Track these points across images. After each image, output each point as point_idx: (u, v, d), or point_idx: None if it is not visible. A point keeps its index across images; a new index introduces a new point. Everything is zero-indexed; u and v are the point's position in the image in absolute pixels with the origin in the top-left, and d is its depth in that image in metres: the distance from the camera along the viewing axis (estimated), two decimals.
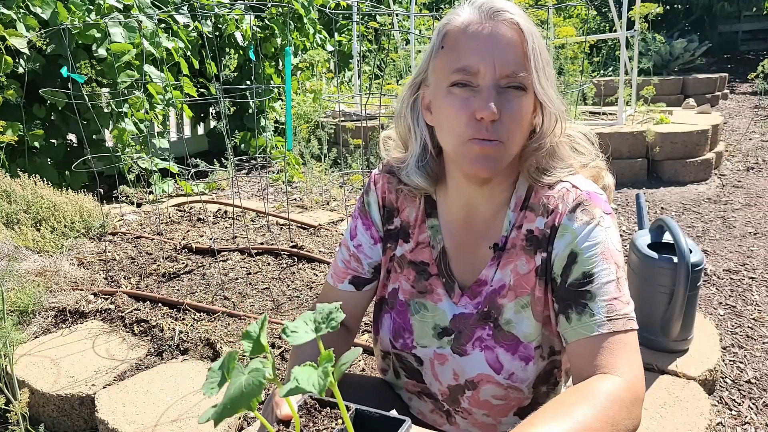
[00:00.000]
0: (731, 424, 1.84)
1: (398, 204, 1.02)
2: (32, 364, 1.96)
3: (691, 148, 4.55)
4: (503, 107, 0.83)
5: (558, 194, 0.90)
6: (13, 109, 3.61)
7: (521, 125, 0.86)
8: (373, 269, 1.05)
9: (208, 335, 2.05)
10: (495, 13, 0.84)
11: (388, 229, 1.03)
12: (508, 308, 0.93)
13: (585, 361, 0.82)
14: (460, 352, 0.95)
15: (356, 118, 5.37)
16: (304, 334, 0.60)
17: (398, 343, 1.01)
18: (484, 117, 0.82)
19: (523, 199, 0.94)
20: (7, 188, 3.03)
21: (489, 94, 0.82)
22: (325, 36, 6.84)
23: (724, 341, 2.29)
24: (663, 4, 9.82)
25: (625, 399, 0.76)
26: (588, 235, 0.86)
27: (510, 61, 0.83)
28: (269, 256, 2.74)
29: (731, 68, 10.00)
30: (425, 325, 0.98)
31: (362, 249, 1.04)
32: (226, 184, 4.59)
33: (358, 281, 1.04)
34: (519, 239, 0.93)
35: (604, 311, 0.83)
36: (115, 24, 3.83)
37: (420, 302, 0.99)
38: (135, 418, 1.66)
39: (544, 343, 0.93)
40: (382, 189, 1.04)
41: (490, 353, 0.93)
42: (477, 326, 0.94)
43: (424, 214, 1.00)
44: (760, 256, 3.12)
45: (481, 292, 0.95)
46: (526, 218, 0.93)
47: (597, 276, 0.85)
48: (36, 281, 2.41)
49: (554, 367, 0.95)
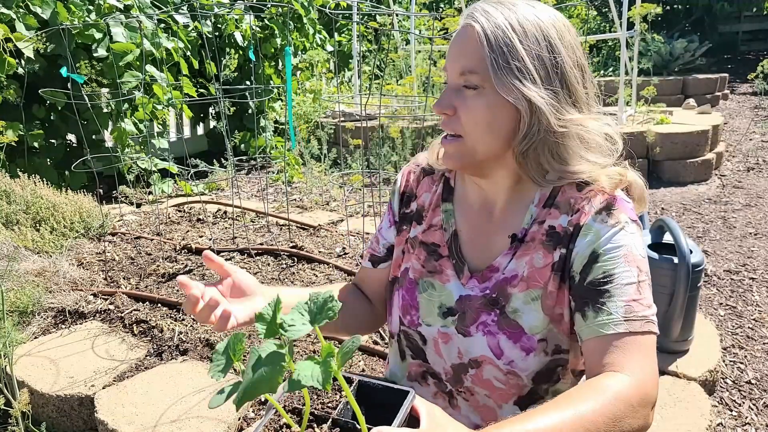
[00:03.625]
0: (731, 424, 1.84)
1: (417, 190, 1.10)
2: (32, 365, 1.95)
3: (692, 148, 4.55)
4: (459, 105, 0.90)
5: (585, 195, 0.92)
6: (13, 110, 3.61)
7: (478, 122, 0.89)
8: (386, 249, 1.13)
9: (208, 336, 2.05)
10: (467, 16, 0.90)
11: (405, 212, 1.10)
12: (516, 298, 0.94)
13: (597, 359, 0.83)
14: (464, 332, 0.97)
15: (356, 119, 5.37)
16: (302, 327, 0.60)
17: (406, 320, 1.04)
18: (435, 112, 0.92)
19: (548, 196, 0.95)
20: (6, 188, 3.02)
21: (446, 93, 0.91)
22: (324, 36, 6.84)
23: (725, 342, 2.29)
24: (663, 4, 9.82)
25: (632, 398, 0.76)
26: (611, 237, 0.87)
27: (462, 63, 0.89)
28: (269, 257, 2.73)
29: (731, 68, 10.00)
30: (431, 303, 1.01)
31: (382, 231, 1.14)
32: (225, 184, 4.59)
33: (375, 259, 1.14)
34: (539, 234, 0.94)
35: (622, 311, 0.83)
36: (116, 24, 3.82)
37: (428, 281, 1.02)
38: (134, 419, 1.66)
39: (551, 339, 0.93)
40: (406, 177, 1.12)
41: (492, 339, 0.94)
42: (483, 310, 0.96)
43: (440, 199, 1.06)
44: (760, 256, 3.12)
45: (491, 277, 0.96)
46: (550, 215, 0.94)
47: (617, 277, 0.85)
48: (35, 282, 2.40)
49: (558, 365, 0.95)
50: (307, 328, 0.60)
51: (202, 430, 1.62)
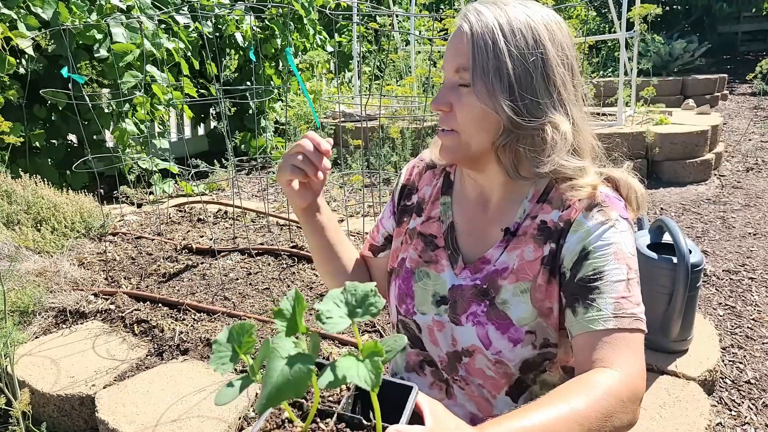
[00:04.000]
0: (731, 424, 1.84)
1: (419, 184, 1.13)
2: (32, 365, 1.96)
3: (691, 148, 4.56)
4: (454, 102, 0.93)
5: (577, 192, 0.93)
6: (15, 110, 3.61)
7: (473, 119, 0.92)
8: (384, 239, 1.17)
9: (209, 335, 2.06)
10: (461, 16, 0.93)
11: (405, 204, 1.13)
12: (506, 289, 0.95)
13: (586, 355, 0.84)
14: (455, 321, 1.00)
15: (356, 119, 5.38)
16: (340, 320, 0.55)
17: (402, 308, 1.06)
18: (433, 109, 0.95)
19: (542, 192, 0.97)
20: (8, 188, 3.03)
21: (442, 90, 0.94)
22: (325, 37, 6.85)
23: (724, 342, 2.29)
24: (662, 5, 9.83)
25: (622, 393, 0.78)
26: (602, 234, 0.89)
27: (457, 62, 0.92)
28: (269, 257, 2.74)
29: (731, 69, 10.01)
30: (426, 292, 1.03)
31: (382, 221, 1.18)
32: (226, 184, 4.59)
33: (374, 248, 1.18)
34: (531, 228, 0.96)
35: (612, 308, 0.85)
36: (117, 24, 3.83)
37: (424, 270, 1.05)
38: (135, 418, 1.66)
39: (539, 332, 0.94)
40: (409, 171, 1.16)
41: (481, 329, 0.96)
42: (473, 300, 0.98)
43: (440, 192, 1.09)
44: (759, 256, 3.12)
45: (482, 269, 0.99)
46: (542, 210, 0.96)
47: (607, 273, 0.87)
48: (36, 281, 2.41)
49: (546, 359, 0.96)
50: (345, 322, 0.55)
51: (203, 429, 1.63)
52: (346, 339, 2.03)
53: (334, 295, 0.57)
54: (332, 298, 0.57)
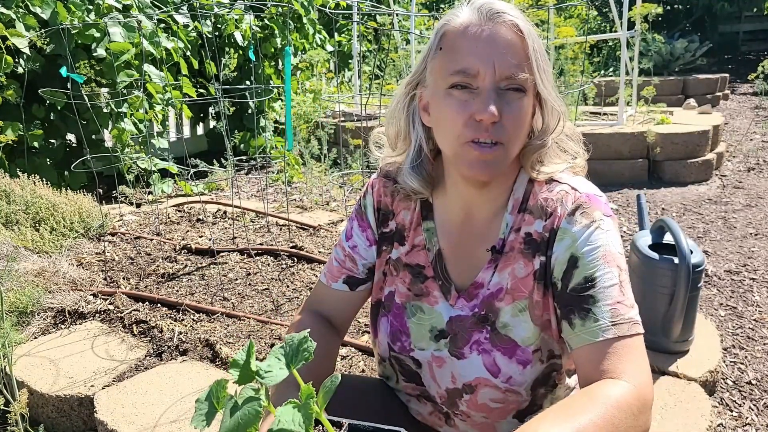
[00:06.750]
0: (732, 425, 1.83)
1: (393, 207, 1.03)
2: (31, 365, 1.95)
3: (692, 148, 4.55)
4: (503, 109, 0.83)
5: (557, 197, 0.90)
6: (13, 109, 3.61)
7: (522, 127, 0.86)
8: (367, 270, 1.05)
9: (208, 336, 2.05)
10: (494, 15, 0.84)
11: (383, 231, 1.03)
12: (505, 312, 0.92)
13: (591, 367, 0.81)
14: (457, 354, 0.95)
15: (356, 119, 5.37)
16: (279, 372, 0.60)
17: (396, 347, 1.00)
18: (483, 119, 0.82)
19: (521, 201, 0.93)
20: (6, 188, 3.02)
21: (488, 97, 0.82)
22: (324, 36, 6.84)
23: (725, 342, 2.28)
24: (663, 4, 9.82)
25: (633, 406, 0.75)
26: (588, 238, 0.86)
27: (510, 63, 0.83)
28: (269, 257, 2.73)
29: (732, 69, 10.00)
30: (422, 327, 0.98)
31: (357, 250, 1.05)
32: (225, 184, 4.59)
33: (352, 281, 1.05)
34: (517, 242, 0.92)
35: (609, 316, 0.82)
36: (114, 23, 3.82)
37: (416, 305, 0.99)
38: (134, 419, 1.66)
39: (543, 346, 0.92)
40: (378, 192, 1.05)
41: (488, 357, 0.92)
42: (474, 329, 0.94)
43: (420, 217, 1.01)
44: (761, 257, 3.11)
45: (477, 294, 0.94)
46: (525, 221, 0.92)
47: (599, 280, 0.84)
48: (35, 282, 2.40)
49: (553, 370, 0.94)
50: (284, 373, 0.59)
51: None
52: (346, 340, 2.02)
53: (276, 351, 0.62)
54: (274, 354, 0.62)
